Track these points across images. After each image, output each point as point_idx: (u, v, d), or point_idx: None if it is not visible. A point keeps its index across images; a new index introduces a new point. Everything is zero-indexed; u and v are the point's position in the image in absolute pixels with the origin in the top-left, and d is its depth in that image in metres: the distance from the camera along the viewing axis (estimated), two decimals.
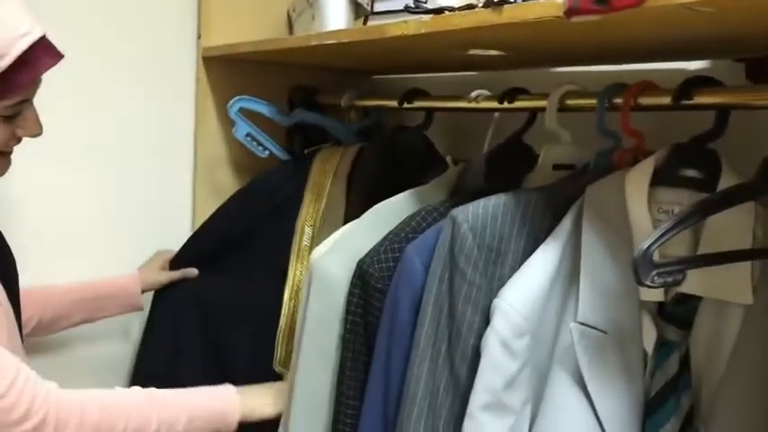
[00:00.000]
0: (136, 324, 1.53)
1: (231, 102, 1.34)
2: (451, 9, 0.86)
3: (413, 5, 0.93)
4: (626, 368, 0.82)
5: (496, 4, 0.77)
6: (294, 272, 1.25)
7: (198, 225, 1.55)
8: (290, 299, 1.24)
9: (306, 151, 1.46)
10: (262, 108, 1.37)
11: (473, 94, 1.15)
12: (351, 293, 1.00)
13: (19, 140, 1.02)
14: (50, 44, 0.97)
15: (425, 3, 0.94)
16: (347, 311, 1.00)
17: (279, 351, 1.31)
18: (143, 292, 1.40)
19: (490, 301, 0.86)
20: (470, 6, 0.84)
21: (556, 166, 1.01)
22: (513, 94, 1.08)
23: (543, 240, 0.88)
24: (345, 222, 1.23)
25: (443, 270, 0.87)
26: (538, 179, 1.00)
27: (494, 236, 0.87)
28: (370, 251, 1.00)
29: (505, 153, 1.09)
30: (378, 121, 1.56)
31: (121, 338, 1.56)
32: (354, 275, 1.00)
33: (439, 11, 0.87)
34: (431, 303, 0.87)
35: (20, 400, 0.90)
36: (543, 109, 1.07)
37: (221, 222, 1.42)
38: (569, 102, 1.00)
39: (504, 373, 0.82)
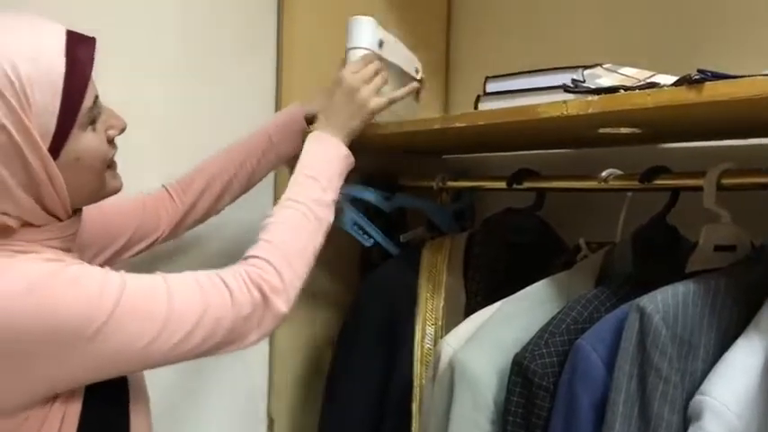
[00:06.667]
0: None
1: None
2: (627, 88, 0.82)
3: (571, 85, 0.89)
4: None
5: (695, 81, 0.73)
6: (420, 381, 1.17)
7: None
8: (420, 412, 1.15)
9: (402, 239, 1.41)
10: (367, 195, 1.32)
11: (604, 173, 1.10)
12: (510, 392, 0.93)
13: (114, 146, 0.94)
14: (76, 34, 0.87)
15: (584, 82, 0.90)
16: (506, 411, 0.93)
17: None
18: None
19: (686, 399, 0.79)
20: (651, 85, 0.80)
21: (717, 248, 0.95)
22: (653, 173, 1.04)
23: (733, 331, 0.82)
24: (466, 316, 1.17)
25: (632, 366, 0.80)
26: (700, 262, 0.95)
27: (686, 327, 0.80)
28: (527, 345, 0.93)
29: (651, 234, 1.04)
30: (471, 202, 1.51)
31: None
32: (513, 372, 0.93)
33: (611, 90, 0.83)
34: (620, 403, 0.80)
35: (239, 298, 0.90)
36: (687, 188, 1.03)
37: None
38: (725, 181, 0.95)
39: None
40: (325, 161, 1.08)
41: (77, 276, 0.83)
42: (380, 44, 1.20)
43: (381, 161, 1.50)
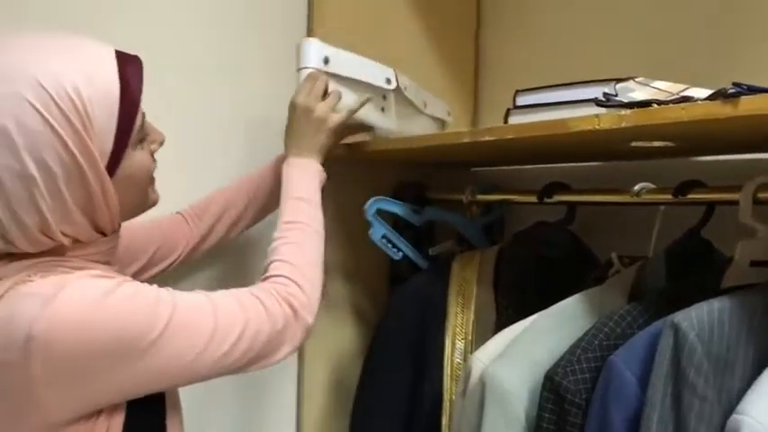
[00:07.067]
0: None
1: (369, 203, 1.30)
2: (660, 102, 0.81)
3: (603, 99, 0.88)
4: None
5: (730, 95, 0.72)
6: (450, 395, 1.16)
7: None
8: (449, 427, 1.14)
9: (430, 253, 1.40)
10: (396, 208, 1.33)
11: (636, 187, 1.09)
12: (542, 408, 0.91)
13: (155, 160, 0.97)
14: (124, 54, 0.89)
15: (616, 96, 0.89)
16: (538, 428, 0.92)
17: None
18: None
19: (722, 417, 0.78)
20: (685, 99, 0.79)
21: (753, 263, 0.94)
22: (687, 186, 1.02)
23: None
24: (496, 330, 1.16)
25: (667, 384, 0.79)
26: (736, 277, 0.93)
27: (722, 344, 0.79)
28: (559, 361, 0.92)
29: (685, 249, 1.02)
30: (501, 216, 1.51)
31: None
32: (545, 388, 0.92)
33: (644, 104, 0.82)
34: (654, 421, 0.79)
35: (273, 312, 0.93)
36: (722, 202, 1.02)
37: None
38: (761, 195, 0.94)
39: None
40: (306, 181, 1.14)
41: (134, 291, 0.85)
42: (326, 61, 1.20)
43: (410, 174, 1.51)
